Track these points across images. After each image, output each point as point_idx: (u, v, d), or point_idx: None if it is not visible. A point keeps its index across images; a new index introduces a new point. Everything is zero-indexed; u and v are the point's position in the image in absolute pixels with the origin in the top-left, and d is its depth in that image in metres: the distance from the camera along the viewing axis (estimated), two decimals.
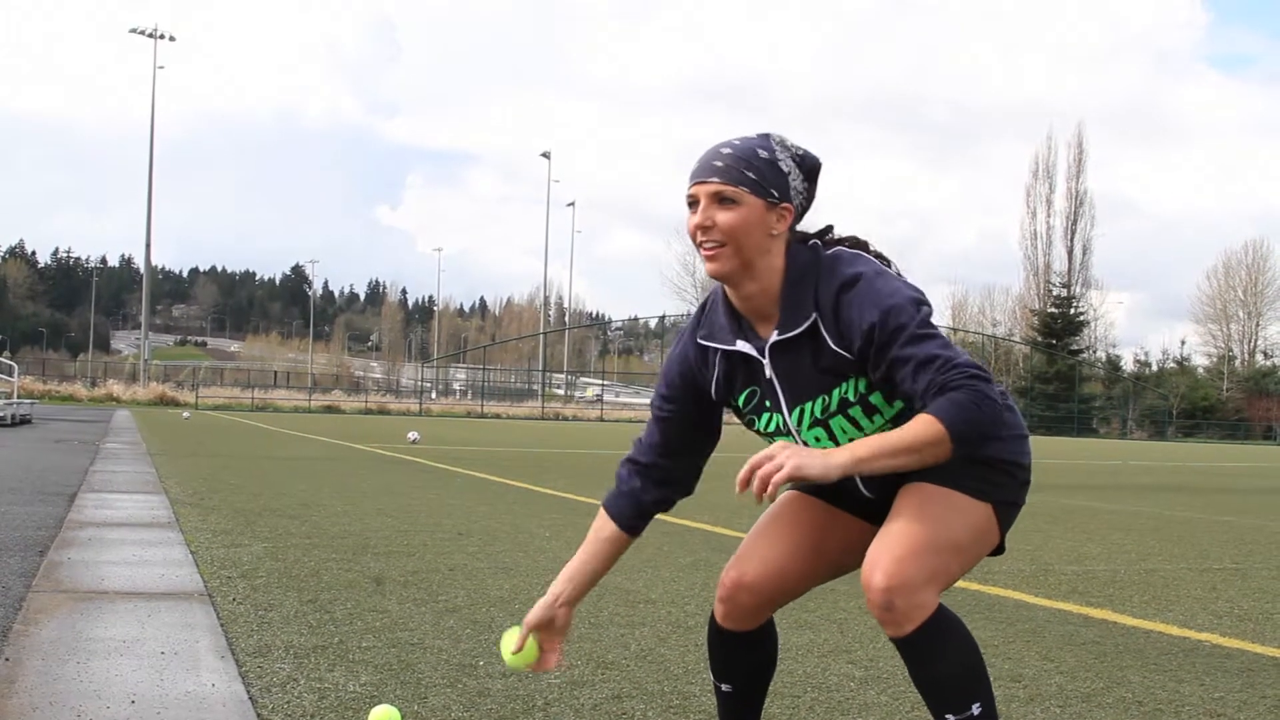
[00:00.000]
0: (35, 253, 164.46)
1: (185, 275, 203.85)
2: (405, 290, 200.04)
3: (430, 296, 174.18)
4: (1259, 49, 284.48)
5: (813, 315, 2.05)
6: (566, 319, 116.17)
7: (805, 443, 2.15)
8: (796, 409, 2.12)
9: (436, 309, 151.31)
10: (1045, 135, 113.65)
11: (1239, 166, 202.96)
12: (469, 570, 5.07)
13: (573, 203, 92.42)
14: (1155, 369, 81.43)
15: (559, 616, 2.28)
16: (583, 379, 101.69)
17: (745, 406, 2.18)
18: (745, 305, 2.12)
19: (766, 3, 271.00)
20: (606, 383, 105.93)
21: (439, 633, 3.69)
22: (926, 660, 2.00)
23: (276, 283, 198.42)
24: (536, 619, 2.28)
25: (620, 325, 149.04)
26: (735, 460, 2.45)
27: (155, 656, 3.22)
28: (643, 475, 2.25)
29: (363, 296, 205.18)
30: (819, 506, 2.29)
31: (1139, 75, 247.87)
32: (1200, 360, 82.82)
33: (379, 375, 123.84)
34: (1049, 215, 74.93)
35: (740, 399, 2.18)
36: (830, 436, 2.11)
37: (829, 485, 2.27)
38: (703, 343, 2.18)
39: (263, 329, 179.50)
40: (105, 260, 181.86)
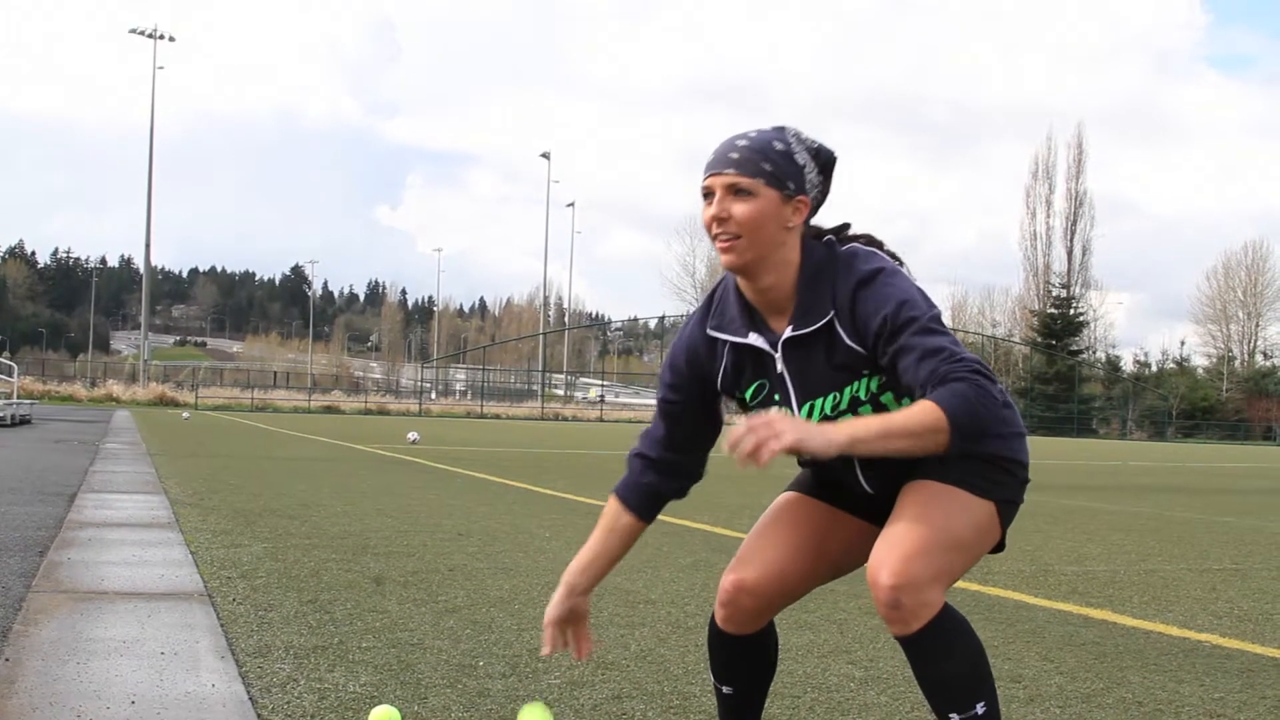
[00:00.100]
0: (35, 253, 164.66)
1: (185, 275, 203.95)
2: (405, 290, 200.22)
3: (430, 297, 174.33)
4: (1259, 49, 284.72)
5: (830, 312, 2.04)
6: (566, 319, 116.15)
7: None
8: (806, 405, 2.11)
9: (436, 309, 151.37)
10: (1045, 135, 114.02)
11: (1239, 167, 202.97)
12: (469, 570, 5.07)
13: (572, 203, 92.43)
14: (1155, 369, 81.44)
15: (578, 605, 2.29)
16: (583, 380, 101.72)
17: (752, 400, 2.17)
18: (759, 298, 2.11)
19: (766, 3, 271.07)
20: (606, 383, 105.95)
21: (439, 633, 3.69)
22: (932, 659, 2.00)
23: (276, 283, 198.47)
24: (559, 614, 2.28)
25: (620, 326, 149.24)
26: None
27: (155, 657, 3.22)
28: (656, 470, 2.25)
29: (362, 297, 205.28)
30: (818, 507, 2.29)
31: (1139, 76, 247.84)
32: (1200, 361, 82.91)
33: (379, 376, 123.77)
34: (1049, 216, 75.05)
35: (748, 392, 2.17)
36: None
37: (829, 483, 2.28)
38: (712, 333, 2.17)
39: (262, 329, 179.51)
40: (105, 260, 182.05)
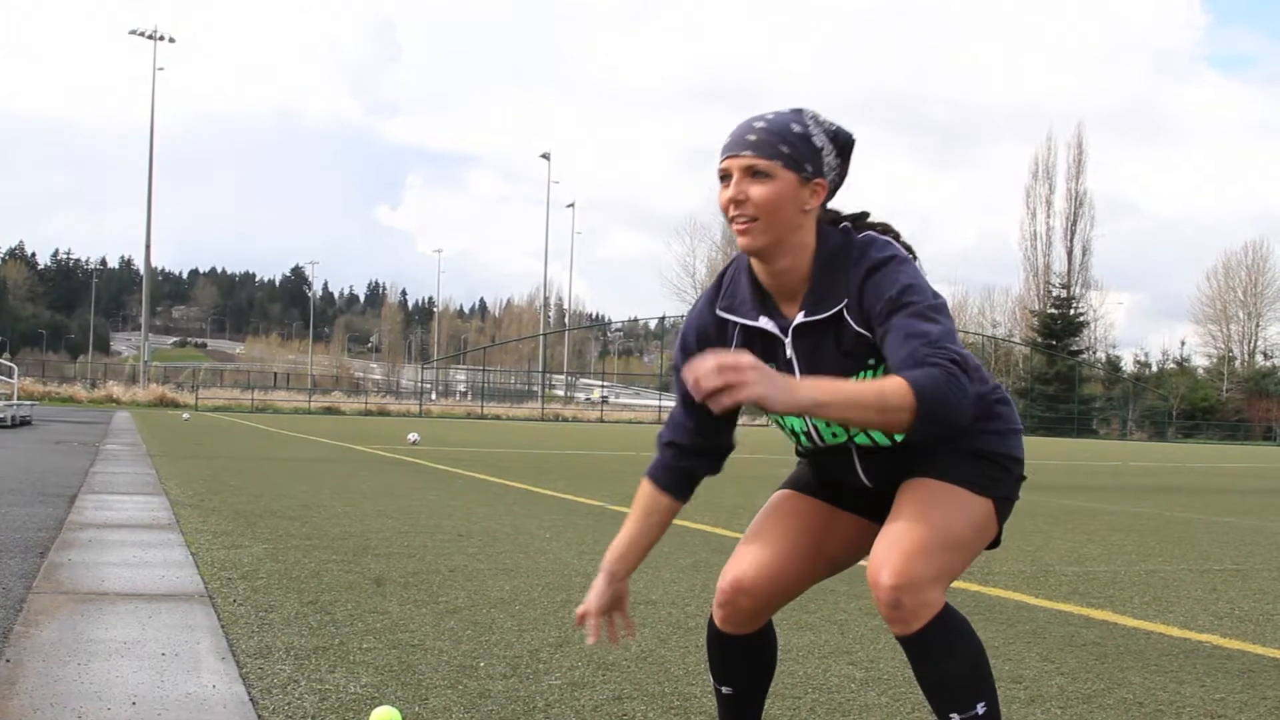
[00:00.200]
0: (35, 254, 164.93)
1: (185, 276, 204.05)
2: (405, 291, 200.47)
3: (430, 298, 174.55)
4: (1259, 49, 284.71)
5: (844, 300, 2.03)
6: (566, 320, 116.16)
7: (817, 428, 2.14)
8: None
9: (436, 310, 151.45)
10: (1045, 136, 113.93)
11: (1239, 167, 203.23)
12: (469, 571, 5.07)
13: (573, 204, 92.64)
14: (1155, 370, 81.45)
15: (620, 590, 2.31)
16: (583, 380, 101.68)
17: None
18: (773, 281, 2.10)
19: (766, 3, 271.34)
20: (607, 384, 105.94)
21: (439, 634, 3.69)
22: (933, 659, 1.99)
23: (276, 284, 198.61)
24: (603, 602, 2.29)
25: (620, 326, 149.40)
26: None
27: (156, 658, 3.22)
28: (690, 454, 2.25)
29: (362, 298, 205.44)
30: (814, 504, 2.29)
31: (1139, 76, 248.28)
32: (1200, 361, 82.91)
33: (379, 376, 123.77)
34: (1049, 216, 75.09)
35: None
36: (844, 426, 2.11)
37: (826, 479, 2.28)
38: (721, 314, 2.16)
39: (263, 330, 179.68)
40: (105, 261, 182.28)
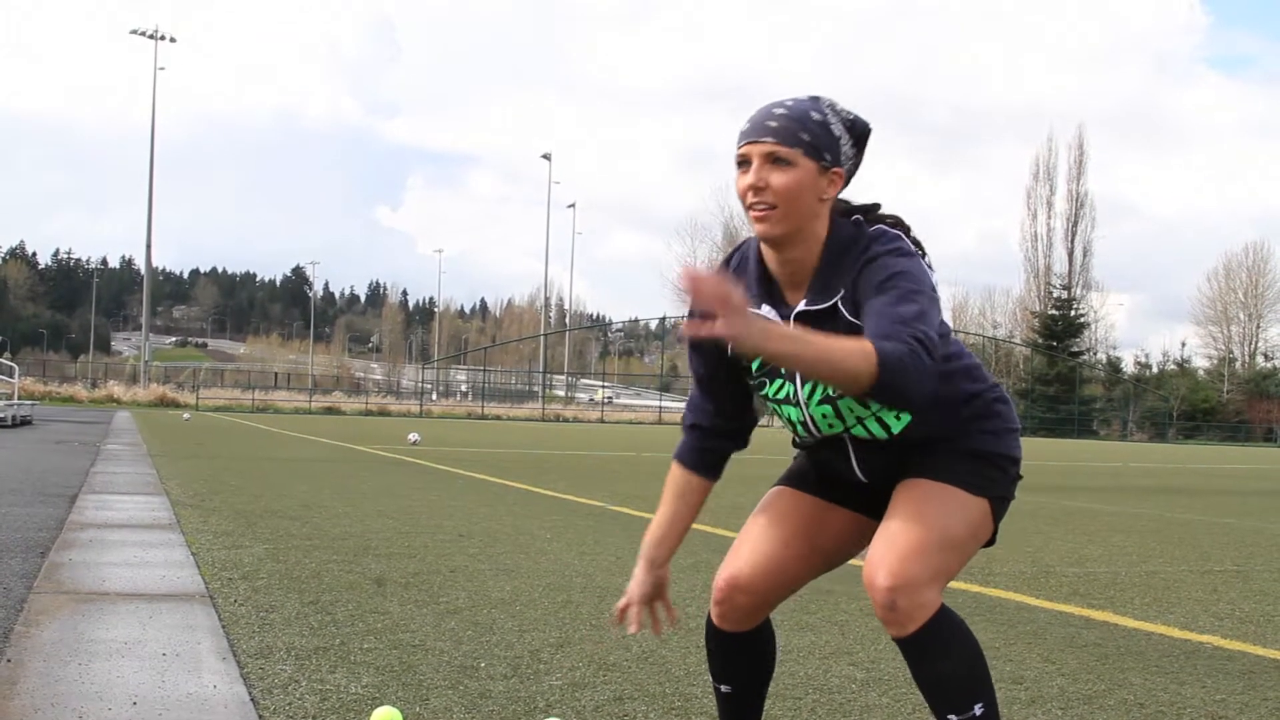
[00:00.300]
0: (36, 254, 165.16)
1: (186, 276, 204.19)
2: (406, 292, 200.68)
3: (431, 298, 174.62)
4: (1259, 50, 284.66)
5: (841, 292, 2.03)
6: (567, 320, 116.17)
7: (813, 417, 2.13)
8: (810, 383, 2.10)
9: (437, 310, 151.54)
10: (1045, 137, 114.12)
11: (1239, 168, 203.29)
12: (470, 572, 5.07)
13: (573, 204, 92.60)
14: (1156, 371, 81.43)
15: (661, 577, 2.32)
16: (584, 382, 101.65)
17: (757, 371, 2.16)
18: (782, 270, 2.09)
19: (766, 3, 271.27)
20: (608, 384, 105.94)
21: (440, 634, 3.69)
22: (930, 660, 1.99)
23: (277, 284, 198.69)
24: (645, 590, 2.31)
25: (621, 327, 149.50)
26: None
27: (157, 658, 3.23)
28: (714, 435, 2.27)
29: (363, 298, 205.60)
30: (809, 500, 2.29)
31: (1139, 77, 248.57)
32: (1201, 362, 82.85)
33: (379, 377, 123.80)
34: (1049, 217, 74.99)
35: (755, 363, 2.15)
36: (838, 415, 2.11)
37: (823, 475, 2.28)
38: None
39: (263, 330, 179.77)
40: (106, 261, 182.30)
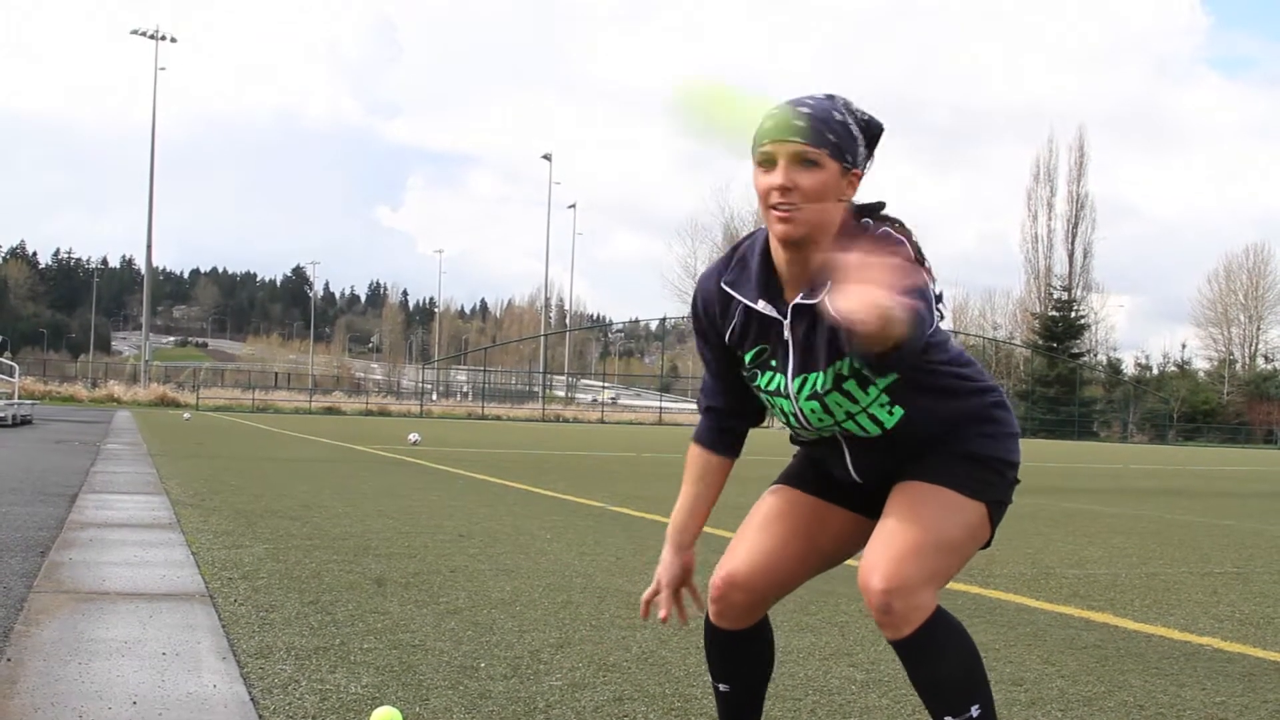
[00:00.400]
0: (36, 253, 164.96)
1: (186, 276, 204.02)
2: (406, 292, 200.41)
3: (431, 298, 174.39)
4: (1260, 51, 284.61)
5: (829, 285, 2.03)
6: (567, 321, 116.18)
7: (802, 411, 2.14)
8: (800, 377, 2.10)
9: (437, 310, 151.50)
10: (1046, 138, 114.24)
11: (1240, 170, 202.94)
12: (470, 572, 5.07)
13: (574, 205, 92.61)
14: (1156, 372, 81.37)
15: (687, 561, 2.34)
16: (584, 382, 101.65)
17: (751, 362, 2.17)
18: (790, 269, 2.09)
19: (766, 3, 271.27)
20: (608, 385, 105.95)
21: (440, 634, 3.69)
22: (925, 662, 2.00)
23: (277, 284, 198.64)
24: (674, 574, 2.33)
25: (621, 327, 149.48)
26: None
27: (157, 657, 3.23)
28: (731, 416, 2.28)
29: (363, 298, 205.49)
30: (806, 499, 2.29)
31: (1140, 78, 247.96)
32: (1201, 364, 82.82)
33: (380, 377, 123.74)
34: (1050, 218, 74.93)
35: (749, 355, 2.16)
36: (826, 411, 2.11)
37: (821, 474, 2.29)
38: (725, 288, 2.16)
39: (263, 330, 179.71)
40: (106, 261, 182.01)
